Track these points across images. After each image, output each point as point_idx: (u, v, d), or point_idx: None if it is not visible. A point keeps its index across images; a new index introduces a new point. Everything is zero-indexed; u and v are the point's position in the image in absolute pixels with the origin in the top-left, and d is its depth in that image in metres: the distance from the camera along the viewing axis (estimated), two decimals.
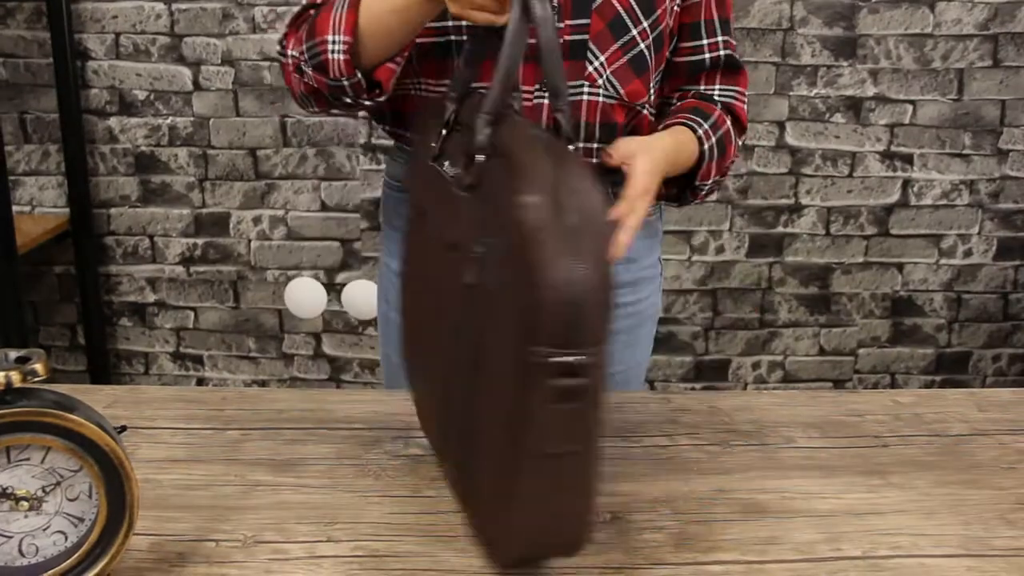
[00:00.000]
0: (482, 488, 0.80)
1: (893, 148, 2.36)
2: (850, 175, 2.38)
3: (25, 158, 2.35)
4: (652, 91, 1.18)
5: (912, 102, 2.33)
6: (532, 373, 0.70)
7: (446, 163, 0.86)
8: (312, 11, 1.09)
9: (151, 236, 2.41)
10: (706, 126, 1.16)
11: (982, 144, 2.36)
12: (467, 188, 0.82)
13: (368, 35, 1.03)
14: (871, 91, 2.32)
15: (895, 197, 2.39)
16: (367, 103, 1.09)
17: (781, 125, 2.34)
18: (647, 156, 1.03)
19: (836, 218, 2.40)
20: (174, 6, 2.25)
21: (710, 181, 1.18)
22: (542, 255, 0.68)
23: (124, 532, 0.72)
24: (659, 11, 1.13)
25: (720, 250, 2.42)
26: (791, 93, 2.32)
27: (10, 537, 0.70)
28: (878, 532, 0.86)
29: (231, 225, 2.40)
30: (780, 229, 2.41)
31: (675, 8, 1.16)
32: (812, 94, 2.32)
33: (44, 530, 0.71)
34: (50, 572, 0.71)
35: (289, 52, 1.10)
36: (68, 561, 0.71)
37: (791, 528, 0.87)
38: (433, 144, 0.86)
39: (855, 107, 2.33)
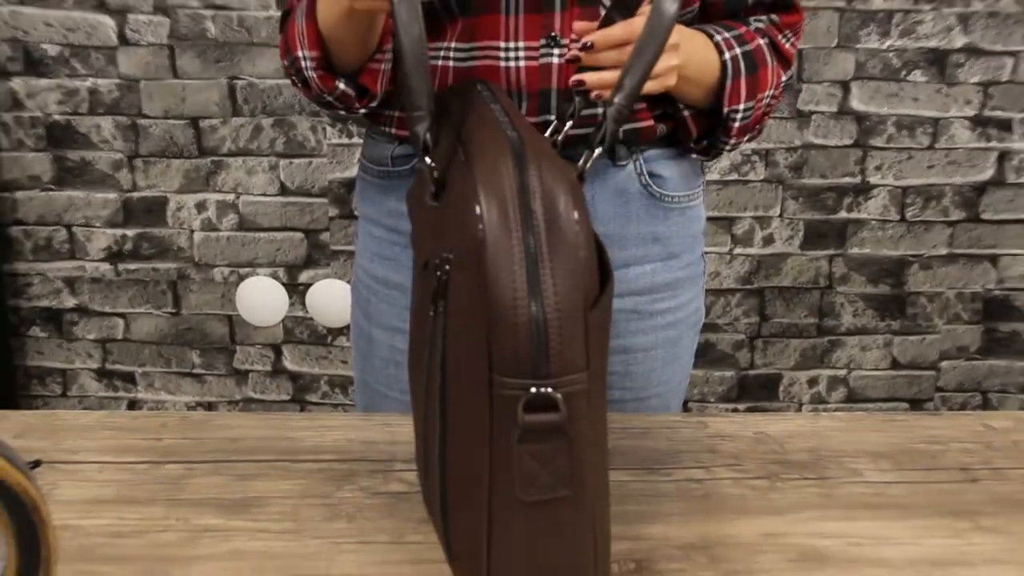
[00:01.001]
0: (459, 542, 0.82)
1: (987, 113, 2.37)
2: (931, 147, 2.38)
3: None
4: None
5: (1012, 55, 2.33)
6: (499, 408, 0.72)
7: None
8: (291, 14, 1.16)
9: (69, 226, 2.41)
10: (727, 35, 1.16)
11: None
12: (434, 198, 0.84)
13: (334, 43, 1.10)
14: (960, 41, 2.32)
15: (989, 174, 2.40)
16: (361, 111, 1.16)
17: (845, 86, 2.35)
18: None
19: (913, 200, 2.41)
20: None
21: (741, 109, 1.16)
22: (497, 273, 0.71)
23: None
24: None
25: (768, 240, 2.42)
26: (858, 46, 2.32)
27: None
28: None
29: (169, 212, 2.41)
30: (843, 214, 2.42)
31: None
32: (884, 47, 2.33)
33: None
34: None
35: (283, 61, 1.17)
36: None
37: None
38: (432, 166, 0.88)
39: (939, 62, 2.34)
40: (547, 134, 0.97)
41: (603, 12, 1.01)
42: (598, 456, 0.77)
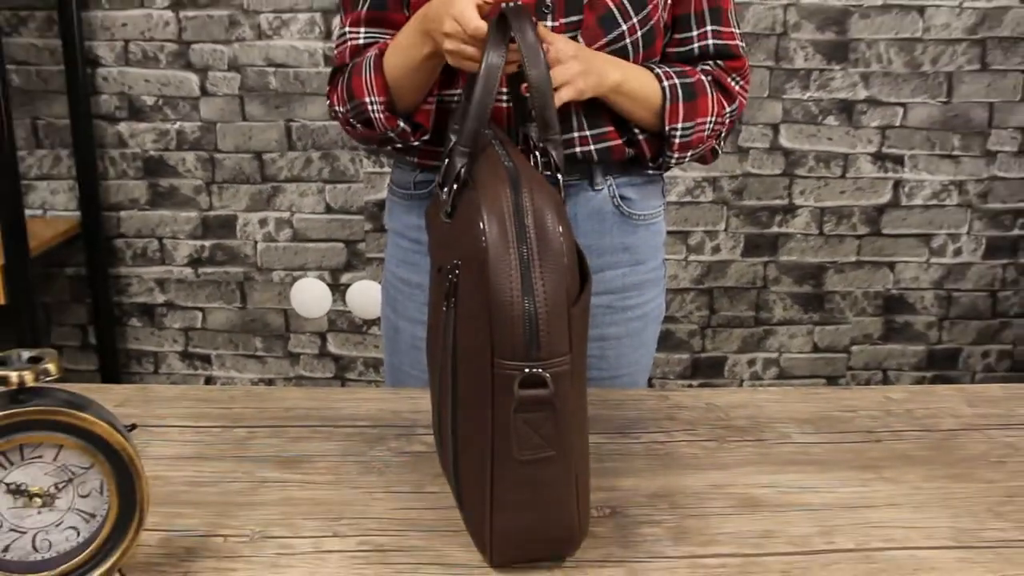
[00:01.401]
0: (468, 493, 0.81)
1: (884, 150, 2.36)
2: (843, 176, 2.38)
3: (37, 163, 2.35)
4: None
5: (903, 105, 2.33)
6: (499, 385, 0.72)
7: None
8: (344, 70, 1.16)
9: (160, 238, 2.41)
10: (666, 68, 1.15)
11: (971, 145, 2.36)
12: (448, 215, 0.84)
13: (398, 90, 1.10)
14: (863, 94, 2.32)
15: (886, 198, 2.39)
16: (415, 144, 1.16)
17: (775, 127, 2.34)
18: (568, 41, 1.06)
19: (829, 218, 2.40)
20: (181, 14, 2.25)
21: (680, 128, 1.14)
22: (497, 276, 0.71)
23: (135, 528, 0.72)
24: (650, 6, 1.14)
25: (716, 250, 2.42)
26: (785, 96, 2.32)
27: (24, 533, 0.70)
28: (871, 525, 0.86)
29: (238, 227, 2.40)
30: (775, 229, 2.41)
31: (668, 1, 1.17)
32: (805, 97, 2.32)
33: (57, 526, 0.71)
34: (63, 567, 0.71)
35: (337, 109, 1.17)
36: (80, 556, 0.71)
37: (786, 522, 0.87)
38: (443, 189, 0.88)
39: (847, 110, 2.33)
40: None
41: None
42: (579, 423, 0.76)
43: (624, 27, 1.13)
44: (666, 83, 1.13)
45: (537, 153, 0.88)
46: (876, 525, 0.86)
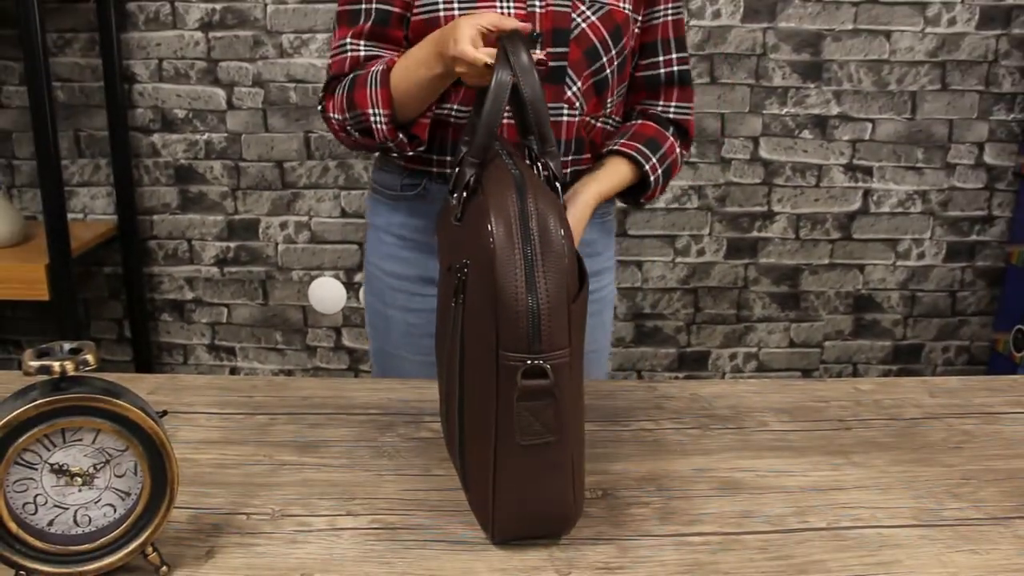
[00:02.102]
0: (472, 475, 0.81)
1: (855, 161, 2.36)
2: (817, 185, 2.37)
3: (79, 171, 2.35)
4: (610, 106, 1.22)
5: (871, 120, 2.33)
6: (503, 375, 0.72)
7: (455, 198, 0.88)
8: (342, 79, 1.14)
9: (189, 240, 2.41)
10: (654, 160, 1.19)
11: (933, 158, 2.36)
12: (458, 219, 0.84)
13: (402, 105, 1.09)
14: (835, 110, 2.32)
15: (857, 205, 2.39)
16: (410, 153, 1.15)
17: (755, 140, 2.34)
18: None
19: (804, 224, 2.40)
20: (211, 34, 2.25)
21: (658, 197, 1.25)
22: (503, 274, 0.70)
23: (166, 505, 0.72)
24: (625, 38, 1.17)
25: (701, 252, 2.42)
26: (764, 112, 2.32)
27: (66, 509, 0.71)
28: (841, 506, 0.86)
29: (260, 230, 2.40)
30: (755, 234, 2.41)
31: (636, 31, 1.19)
32: (783, 113, 2.32)
33: (95, 503, 0.71)
34: (101, 540, 0.71)
35: (332, 115, 1.15)
36: (117, 531, 0.71)
37: (763, 503, 0.87)
38: (454, 195, 0.87)
39: (821, 124, 2.33)
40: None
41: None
42: (576, 411, 0.76)
43: (604, 59, 1.16)
44: (652, 177, 1.19)
45: (539, 165, 0.88)
46: (846, 506, 0.86)
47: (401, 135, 1.11)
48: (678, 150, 1.24)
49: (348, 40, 1.15)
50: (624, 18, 1.16)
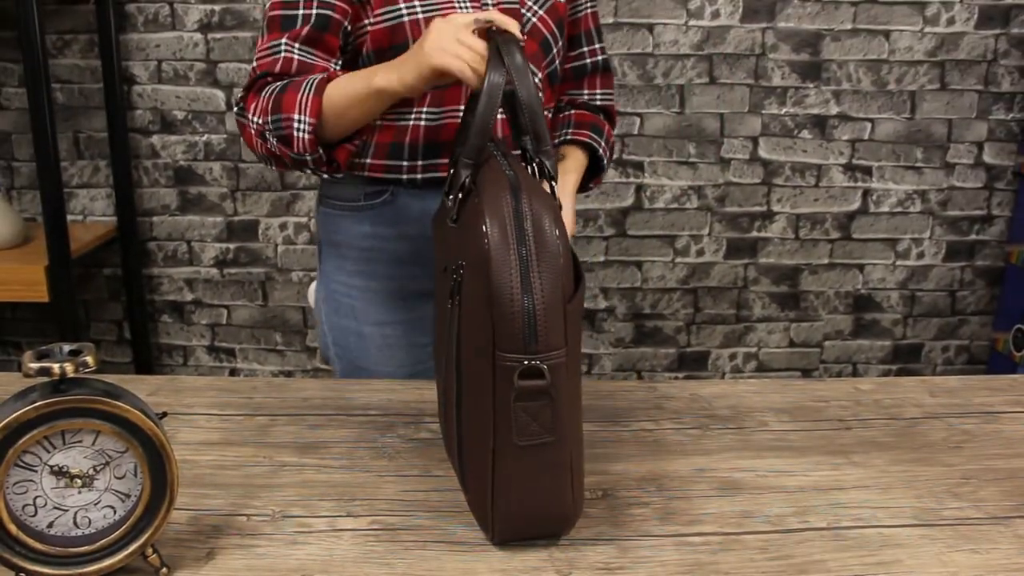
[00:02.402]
0: (471, 476, 0.81)
1: (854, 161, 2.36)
2: (816, 185, 2.37)
3: (78, 172, 2.35)
4: (555, 97, 1.27)
5: (871, 120, 2.33)
6: (500, 375, 0.72)
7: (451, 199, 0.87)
8: (270, 78, 1.07)
9: (189, 241, 2.41)
10: (603, 144, 1.25)
11: (932, 158, 2.36)
12: (453, 220, 0.83)
13: (331, 119, 1.03)
14: (834, 110, 2.32)
15: (856, 205, 2.39)
16: (324, 175, 1.10)
17: (755, 140, 2.34)
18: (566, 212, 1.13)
19: (804, 224, 2.40)
20: (209, 36, 2.25)
21: (607, 155, 1.28)
22: (498, 275, 0.70)
23: (165, 507, 0.72)
24: (566, 29, 1.22)
25: (700, 253, 2.42)
26: (763, 112, 2.32)
27: (66, 511, 0.71)
28: (841, 506, 0.86)
29: (260, 231, 2.40)
30: (754, 234, 2.41)
31: (566, 23, 1.23)
32: (782, 112, 2.32)
33: (95, 505, 0.71)
34: (101, 542, 0.71)
35: (250, 117, 1.07)
36: (117, 532, 0.71)
37: (764, 503, 0.87)
38: (449, 196, 0.87)
39: (820, 124, 2.33)
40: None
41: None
42: (574, 412, 0.76)
43: (555, 50, 1.20)
44: (605, 160, 1.26)
45: (535, 165, 0.88)
46: (846, 505, 0.86)
47: (321, 151, 1.05)
48: (610, 130, 1.30)
49: (284, 42, 1.08)
50: (564, 10, 1.20)
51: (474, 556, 0.77)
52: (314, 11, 1.08)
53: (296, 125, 1.03)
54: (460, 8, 1.10)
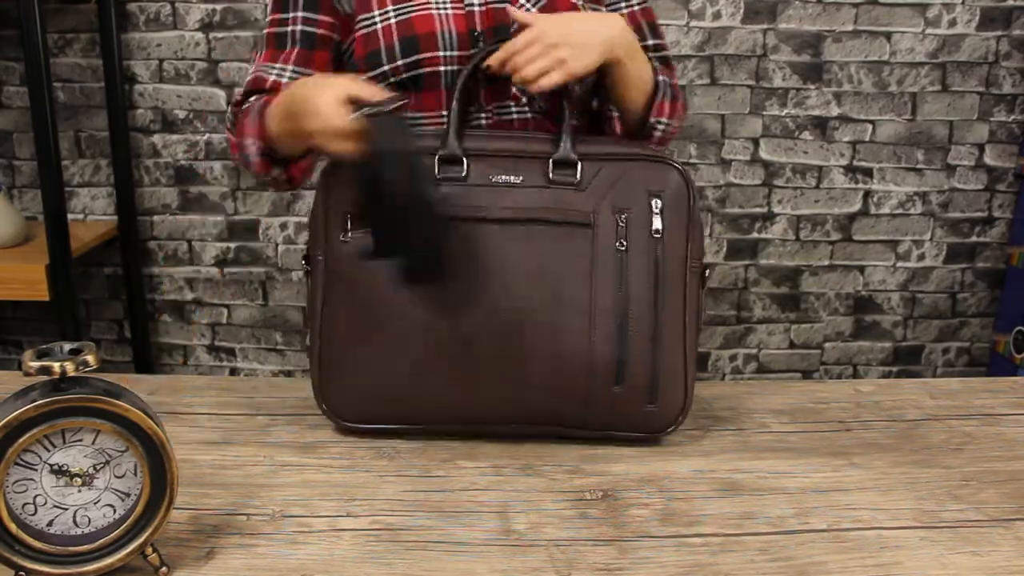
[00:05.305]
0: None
1: (855, 163, 2.36)
2: (817, 187, 2.37)
3: (79, 171, 2.35)
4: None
5: (871, 122, 2.33)
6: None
7: None
8: (253, 98, 1.08)
9: (189, 241, 2.41)
10: (657, 64, 1.12)
11: (933, 160, 2.36)
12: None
13: (275, 141, 1.04)
14: (835, 111, 2.32)
15: (857, 207, 2.39)
16: (287, 191, 1.11)
17: (756, 141, 2.34)
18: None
19: (805, 225, 2.40)
20: (211, 35, 2.25)
21: (664, 122, 1.10)
22: None
23: (165, 506, 0.72)
24: None
25: None
26: (764, 113, 2.32)
27: (66, 509, 0.71)
28: (842, 507, 0.86)
29: (260, 231, 2.40)
30: (755, 235, 2.41)
31: None
32: (783, 114, 2.32)
33: (95, 504, 0.71)
34: (101, 541, 0.71)
35: (231, 138, 1.10)
36: (117, 531, 0.71)
37: (764, 504, 0.87)
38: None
39: (821, 126, 2.33)
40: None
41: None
42: None
43: None
44: (660, 77, 1.10)
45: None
46: (846, 507, 0.86)
47: (275, 171, 1.06)
48: (676, 84, 1.14)
49: (277, 65, 1.10)
50: (570, 7, 1.09)
51: (474, 556, 0.77)
52: (299, 28, 1.10)
53: (249, 147, 1.05)
54: (437, 11, 1.07)
